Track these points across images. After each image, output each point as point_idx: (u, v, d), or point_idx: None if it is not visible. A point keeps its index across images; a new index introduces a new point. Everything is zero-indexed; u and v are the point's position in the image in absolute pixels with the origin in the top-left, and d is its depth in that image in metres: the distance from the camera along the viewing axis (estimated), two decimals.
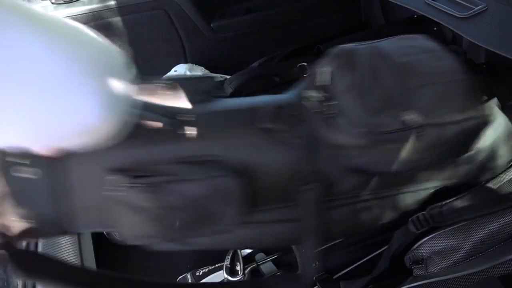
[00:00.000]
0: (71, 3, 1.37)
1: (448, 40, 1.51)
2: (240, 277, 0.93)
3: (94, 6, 1.39)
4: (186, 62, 1.53)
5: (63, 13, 1.37)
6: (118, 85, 0.50)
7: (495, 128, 0.71)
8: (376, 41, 0.72)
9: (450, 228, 0.76)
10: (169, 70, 1.45)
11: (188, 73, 1.41)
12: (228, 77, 1.39)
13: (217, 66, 1.55)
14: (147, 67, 1.53)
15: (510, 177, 0.73)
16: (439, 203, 0.78)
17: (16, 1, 0.44)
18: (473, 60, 1.23)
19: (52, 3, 1.36)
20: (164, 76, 1.42)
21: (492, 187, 0.73)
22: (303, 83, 0.68)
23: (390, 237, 0.85)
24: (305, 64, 1.40)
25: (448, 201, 0.78)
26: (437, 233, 0.78)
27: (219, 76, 1.45)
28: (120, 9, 1.42)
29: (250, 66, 1.52)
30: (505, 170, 0.74)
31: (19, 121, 0.45)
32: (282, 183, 0.64)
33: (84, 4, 1.38)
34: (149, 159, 0.61)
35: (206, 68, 1.51)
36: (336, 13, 1.71)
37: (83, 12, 1.38)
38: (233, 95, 1.30)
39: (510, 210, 0.73)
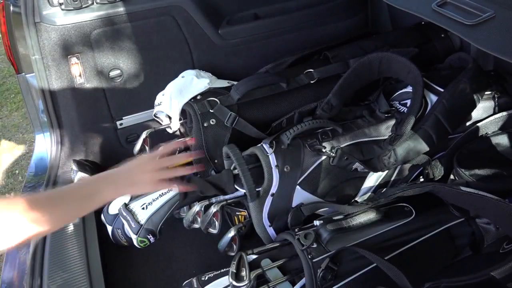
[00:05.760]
0: (80, 9, 1.38)
1: (456, 47, 1.51)
2: (246, 283, 0.93)
3: (103, 12, 1.40)
4: (193, 67, 1.54)
5: (73, 19, 1.38)
6: None
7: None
8: None
9: None
10: (177, 75, 1.46)
11: (195, 79, 1.42)
12: (235, 83, 1.39)
13: (224, 72, 1.55)
14: (155, 73, 1.54)
15: None
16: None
17: None
18: (482, 67, 1.22)
19: (62, 9, 1.37)
20: (171, 81, 1.43)
21: None
22: None
23: (397, 244, 0.84)
24: (312, 70, 1.40)
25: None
26: None
27: (226, 82, 1.46)
28: (129, 15, 1.43)
29: (257, 72, 1.52)
30: None
31: None
32: None
33: (93, 10, 1.40)
34: None
35: (213, 74, 1.51)
36: (343, 20, 1.71)
37: (92, 19, 1.39)
38: (240, 100, 1.30)
39: None
